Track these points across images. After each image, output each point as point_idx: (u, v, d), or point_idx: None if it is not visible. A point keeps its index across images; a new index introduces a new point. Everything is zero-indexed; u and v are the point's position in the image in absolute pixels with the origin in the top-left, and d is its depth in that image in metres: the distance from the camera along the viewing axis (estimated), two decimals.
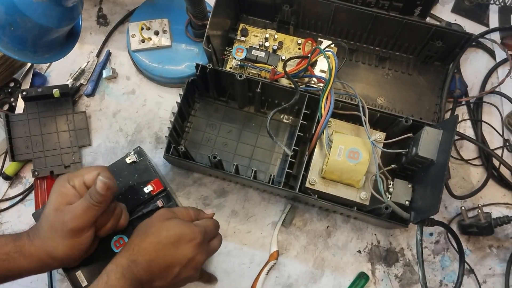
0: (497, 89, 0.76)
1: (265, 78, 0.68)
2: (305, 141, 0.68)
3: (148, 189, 0.63)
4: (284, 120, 0.74)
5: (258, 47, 0.72)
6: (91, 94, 0.77)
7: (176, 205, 0.62)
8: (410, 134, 0.62)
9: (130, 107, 0.77)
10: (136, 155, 0.64)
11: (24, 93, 0.72)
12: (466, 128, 0.76)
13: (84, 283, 0.59)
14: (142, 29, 0.76)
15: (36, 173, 0.72)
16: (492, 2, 0.81)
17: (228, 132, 0.73)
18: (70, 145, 0.74)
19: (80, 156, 0.74)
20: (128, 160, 0.64)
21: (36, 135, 0.74)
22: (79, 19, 0.67)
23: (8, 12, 0.54)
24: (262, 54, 0.70)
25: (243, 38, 0.74)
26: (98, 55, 0.80)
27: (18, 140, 0.73)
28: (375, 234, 0.71)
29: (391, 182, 0.65)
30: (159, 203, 0.62)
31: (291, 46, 0.73)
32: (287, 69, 0.65)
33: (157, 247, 0.51)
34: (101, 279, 0.50)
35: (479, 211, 0.66)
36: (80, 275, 0.60)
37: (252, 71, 0.71)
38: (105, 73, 0.77)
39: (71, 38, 0.68)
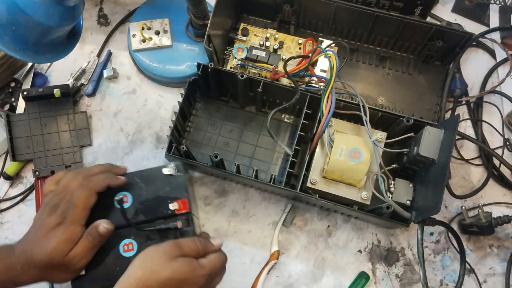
0: (497, 89, 0.76)
1: (266, 77, 0.68)
2: (306, 141, 0.68)
3: (173, 206, 0.59)
4: (285, 120, 0.74)
5: (258, 46, 0.72)
6: (92, 94, 0.77)
7: (191, 232, 0.59)
8: (411, 134, 0.62)
9: (131, 107, 0.77)
10: (175, 169, 0.61)
11: (25, 93, 0.72)
12: (466, 127, 0.76)
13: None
14: (143, 29, 0.76)
15: (37, 173, 0.72)
16: (492, 1, 0.81)
17: (229, 132, 0.73)
18: (71, 145, 0.74)
19: (81, 156, 0.74)
20: (165, 171, 0.61)
21: (37, 135, 0.74)
22: (80, 19, 0.67)
23: (9, 11, 0.54)
24: (263, 54, 0.70)
25: (244, 38, 0.74)
26: (99, 55, 0.80)
27: (19, 140, 0.73)
28: (376, 234, 0.71)
29: (392, 182, 0.65)
30: (179, 224, 0.58)
31: (292, 45, 0.74)
32: (288, 68, 0.66)
33: None
34: None
35: (480, 210, 0.66)
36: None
37: (252, 71, 0.71)
38: (106, 73, 0.77)
39: (72, 38, 0.68)
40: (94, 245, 0.55)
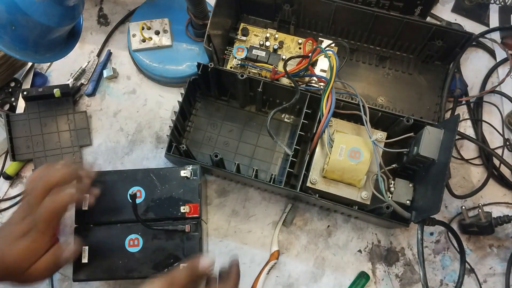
0: (497, 89, 0.76)
1: (266, 77, 0.68)
2: (306, 141, 0.68)
3: (184, 209, 0.60)
4: (285, 120, 0.74)
5: (258, 46, 0.72)
6: (91, 94, 0.77)
7: (198, 238, 0.60)
8: (411, 134, 0.62)
9: (130, 106, 0.77)
10: (191, 172, 0.62)
11: (25, 92, 0.73)
12: (466, 127, 0.76)
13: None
14: (142, 28, 0.76)
15: None
16: (492, 1, 0.81)
17: (229, 131, 0.73)
18: (71, 144, 0.74)
19: (80, 155, 0.74)
20: (182, 173, 0.62)
21: (37, 134, 0.74)
22: (80, 18, 0.67)
23: (9, 11, 0.54)
24: (263, 54, 0.70)
25: (244, 38, 0.74)
26: (98, 54, 0.80)
27: (19, 139, 0.73)
28: (376, 234, 0.71)
29: (392, 182, 0.65)
30: (187, 228, 0.59)
31: (292, 45, 0.74)
32: (288, 68, 0.66)
33: None
34: None
35: (480, 210, 0.66)
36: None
37: (252, 71, 0.71)
38: (105, 73, 0.77)
39: (72, 37, 0.68)
40: (57, 265, 0.53)
